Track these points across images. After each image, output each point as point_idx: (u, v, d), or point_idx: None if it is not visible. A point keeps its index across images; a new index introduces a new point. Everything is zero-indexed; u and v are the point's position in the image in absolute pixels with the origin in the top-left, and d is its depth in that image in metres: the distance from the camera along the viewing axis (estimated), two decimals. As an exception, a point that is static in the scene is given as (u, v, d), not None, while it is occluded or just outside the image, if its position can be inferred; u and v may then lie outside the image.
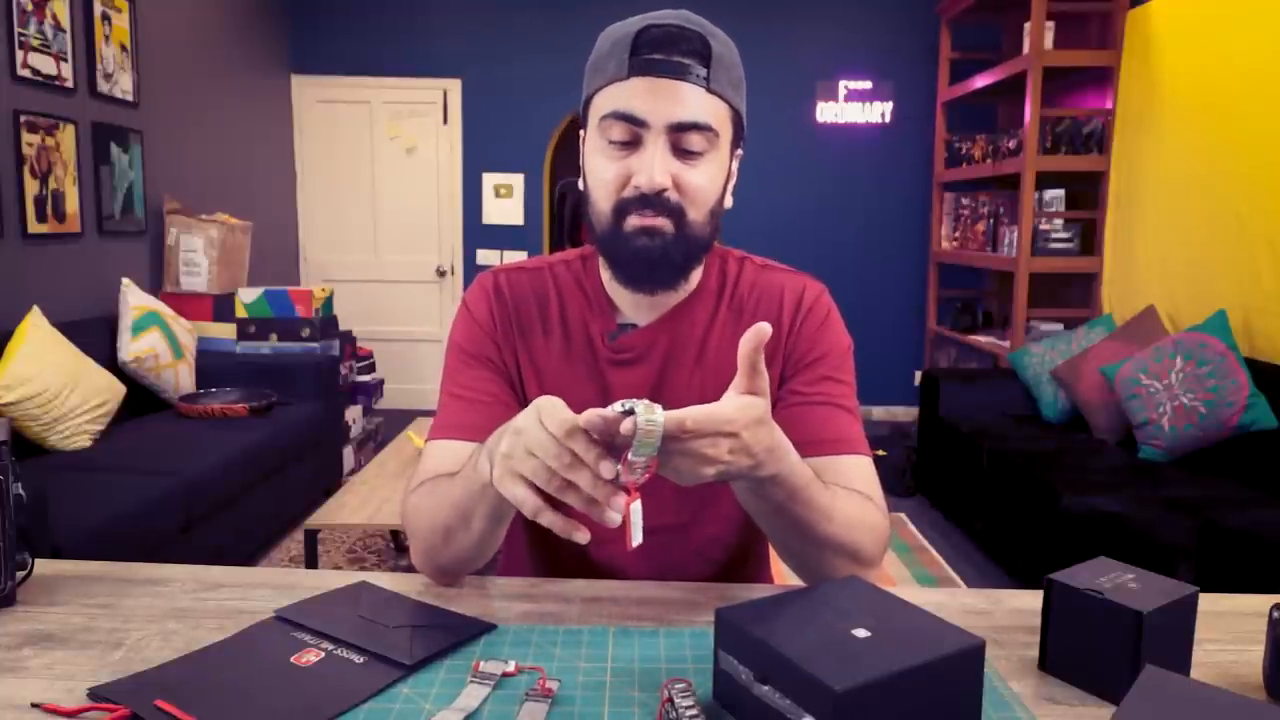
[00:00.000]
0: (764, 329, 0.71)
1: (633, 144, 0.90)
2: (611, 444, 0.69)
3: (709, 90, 0.89)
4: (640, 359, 1.00)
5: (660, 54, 0.88)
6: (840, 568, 0.88)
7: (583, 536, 0.70)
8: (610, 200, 0.91)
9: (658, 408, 0.68)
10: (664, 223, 0.90)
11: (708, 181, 0.92)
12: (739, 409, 0.71)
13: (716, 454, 0.70)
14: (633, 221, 0.90)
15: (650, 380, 1.00)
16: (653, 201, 0.89)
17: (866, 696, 0.61)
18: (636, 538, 0.73)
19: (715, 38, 0.91)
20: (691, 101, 0.88)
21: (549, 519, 0.70)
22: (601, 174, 0.92)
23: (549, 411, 0.70)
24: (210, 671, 0.75)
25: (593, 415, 0.67)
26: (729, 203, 0.97)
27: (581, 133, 0.98)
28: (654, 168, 0.88)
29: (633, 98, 0.88)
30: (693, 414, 0.68)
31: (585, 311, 1.02)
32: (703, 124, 0.89)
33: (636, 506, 0.73)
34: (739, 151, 0.98)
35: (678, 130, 0.89)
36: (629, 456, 0.68)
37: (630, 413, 0.67)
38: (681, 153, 0.90)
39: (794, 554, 0.89)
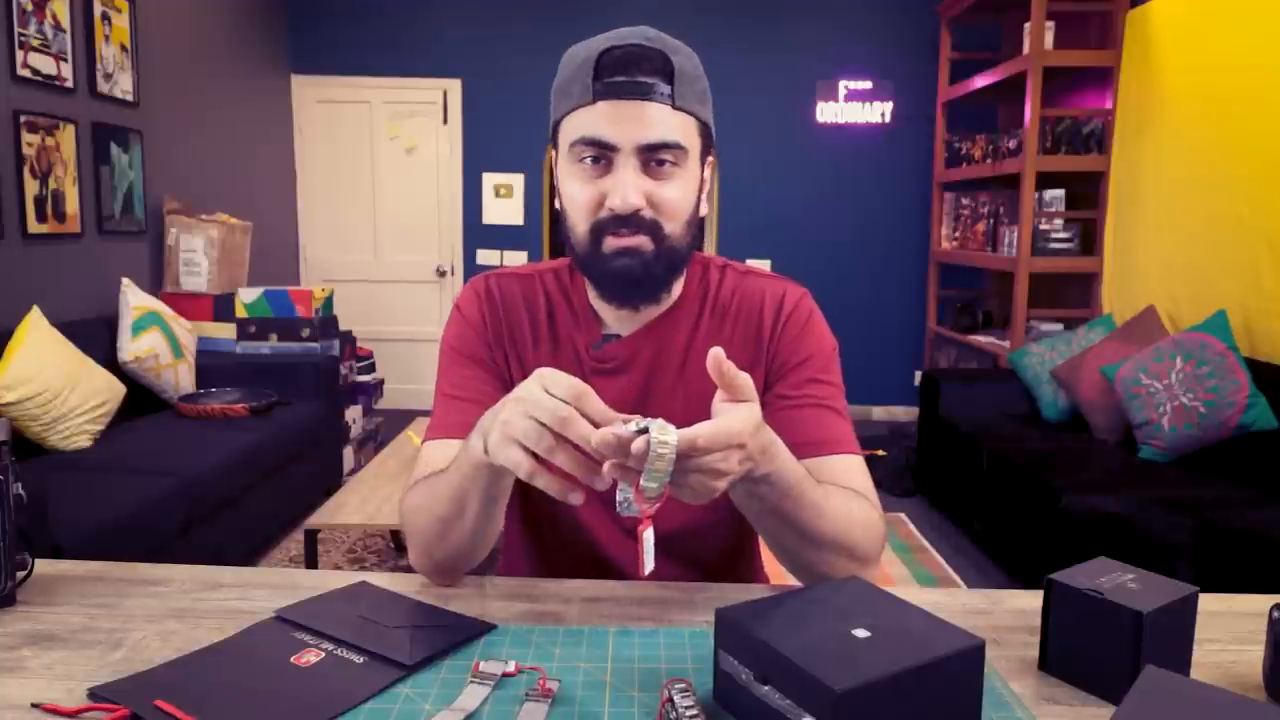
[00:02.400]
0: (716, 352, 0.73)
1: (604, 165, 0.91)
2: (624, 464, 0.69)
3: (675, 107, 0.91)
4: (624, 368, 1.02)
5: (623, 75, 0.89)
6: (836, 565, 0.88)
7: (577, 498, 0.72)
8: (587, 222, 0.93)
9: (671, 428, 0.68)
10: (642, 240, 0.92)
11: (680, 195, 0.93)
12: (743, 419, 0.72)
13: (728, 468, 0.72)
14: (610, 243, 0.92)
15: (635, 389, 1.02)
16: (628, 221, 0.91)
17: (866, 696, 0.61)
18: (649, 565, 0.73)
19: (677, 53, 0.92)
20: (658, 121, 0.90)
21: (543, 481, 0.71)
22: (576, 197, 0.93)
23: (552, 377, 0.71)
24: (210, 671, 0.75)
25: (607, 434, 0.68)
26: (705, 210, 0.99)
27: (553, 153, 0.99)
28: (626, 189, 0.89)
29: (600, 122, 0.90)
30: (703, 432, 0.69)
31: (571, 322, 1.04)
32: (671, 142, 0.90)
33: (649, 534, 0.73)
34: (710, 159, 0.99)
35: (647, 150, 0.90)
36: (641, 483, 0.68)
37: (644, 431, 0.67)
38: (652, 170, 0.91)
39: (789, 553, 0.89)
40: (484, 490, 0.83)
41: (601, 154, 0.91)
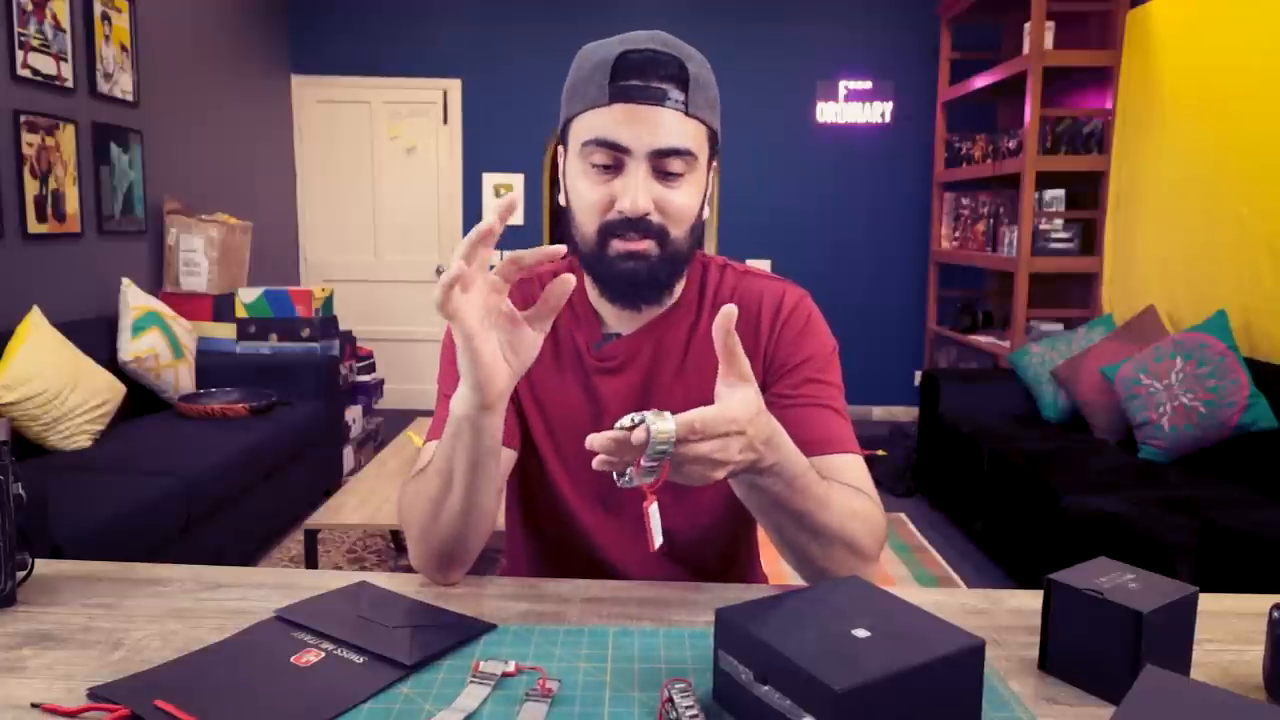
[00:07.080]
0: (730, 310, 0.73)
1: (614, 168, 0.92)
2: (623, 459, 0.70)
3: (687, 114, 0.91)
4: (624, 367, 1.02)
5: (639, 80, 0.90)
6: (839, 560, 0.88)
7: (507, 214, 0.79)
8: (594, 223, 0.93)
9: (667, 414, 0.70)
10: (648, 245, 0.93)
11: (688, 201, 0.94)
12: (742, 406, 0.73)
13: (727, 456, 0.73)
14: (617, 246, 0.93)
15: (635, 387, 1.02)
16: (636, 225, 0.91)
17: (866, 696, 0.61)
18: (657, 539, 0.75)
19: (691, 60, 0.93)
20: (671, 128, 0.91)
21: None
22: (585, 197, 0.94)
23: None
24: (210, 671, 0.75)
25: (602, 438, 0.69)
26: (706, 214, 1.00)
27: (560, 150, 1.00)
28: (637, 193, 0.90)
29: (614, 125, 0.90)
30: (701, 415, 0.70)
31: (572, 322, 1.04)
32: (682, 149, 0.91)
33: (654, 509, 0.75)
34: (714, 164, 1.00)
35: (658, 156, 0.91)
36: (643, 464, 0.70)
37: (641, 423, 0.69)
38: (662, 176, 0.92)
39: (792, 547, 0.89)
40: (468, 449, 0.84)
41: (613, 156, 0.91)
